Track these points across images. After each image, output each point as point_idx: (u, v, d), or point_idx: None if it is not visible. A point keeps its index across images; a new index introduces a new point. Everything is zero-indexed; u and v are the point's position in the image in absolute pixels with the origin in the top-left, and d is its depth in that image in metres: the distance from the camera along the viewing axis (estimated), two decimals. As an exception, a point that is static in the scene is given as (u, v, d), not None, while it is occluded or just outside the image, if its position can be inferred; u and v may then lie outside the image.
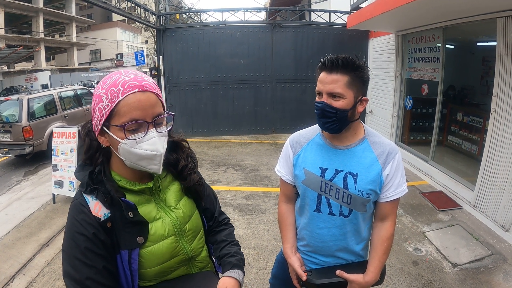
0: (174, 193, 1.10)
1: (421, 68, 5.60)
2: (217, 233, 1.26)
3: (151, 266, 1.00)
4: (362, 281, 1.35)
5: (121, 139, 0.90)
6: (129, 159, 0.94)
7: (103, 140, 0.96)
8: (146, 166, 0.95)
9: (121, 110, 0.89)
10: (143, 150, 0.92)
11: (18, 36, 22.63)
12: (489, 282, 2.92)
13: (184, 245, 1.08)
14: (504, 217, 3.59)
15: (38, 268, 3.25)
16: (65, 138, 4.67)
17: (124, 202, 0.96)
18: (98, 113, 0.92)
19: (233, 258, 1.14)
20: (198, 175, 1.16)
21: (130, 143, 0.91)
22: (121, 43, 34.97)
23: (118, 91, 0.89)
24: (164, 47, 8.34)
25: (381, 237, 1.40)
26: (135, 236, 0.97)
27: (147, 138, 0.92)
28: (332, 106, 1.28)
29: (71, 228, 0.94)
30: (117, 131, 0.91)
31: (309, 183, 1.41)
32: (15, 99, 7.00)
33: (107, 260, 0.94)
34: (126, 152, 0.92)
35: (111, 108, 0.89)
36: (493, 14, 3.74)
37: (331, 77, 1.27)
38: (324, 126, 1.34)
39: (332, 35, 8.37)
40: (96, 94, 0.94)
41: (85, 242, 0.92)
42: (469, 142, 4.75)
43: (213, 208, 1.26)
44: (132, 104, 0.89)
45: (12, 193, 5.43)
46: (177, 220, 1.07)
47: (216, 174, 5.81)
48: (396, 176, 1.36)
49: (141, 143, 0.91)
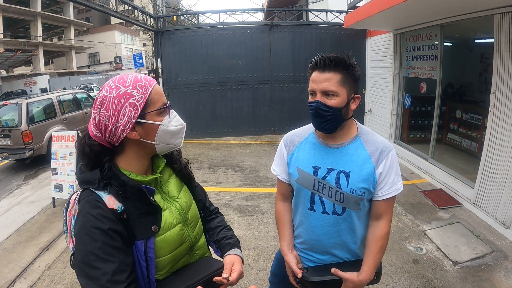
0: (175, 184, 1.20)
1: (419, 66, 5.60)
2: (210, 221, 1.37)
3: (165, 254, 1.06)
4: (356, 280, 1.35)
5: (160, 122, 1.04)
6: (164, 140, 1.06)
7: (134, 135, 1.02)
8: (174, 142, 1.10)
9: (154, 98, 1.03)
10: (175, 126, 1.08)
11: (16, 41, 22.65)
12: (490, 279, 2.91)
13: (188, 232, 1.16)
14: (505, 214, 3.58)
15: (39, 272, 3.25)
16: (64, 141, 4.67)
17: (146, 189, 1.03)
18: (131, 108, 0.99)
19: (231, 240, 1.27)
20: (184, 159, 1.30)
21: (167, 123, 1.05)
22: (120, 46, 34.95)
23: (145, 84, 1.02)
24: (162, 49, 8.35)
25: (375, 235, 1.40)
26: (150, 225, 1.03)
27: (173, 117, 1.08)
28: (327, 104, 1.28)
29: (86, 224, 0.94)
30: (155, 116, 1.03)
31: (302, 182, 1.42)
32: (14, 104, 7.00)
33: (125, 253, 0.97)
34: (163, 133, 1.05)
35: (145, 98, 1.01)
36: (490, 10, 3.74)
37: (324, 76, 1.28)
38: (319, 126, 1.34)
39: (330, 35, 8.38)
40: (119, 94, 0.98)
41: (102, 236, 0.92)
42: (469, 140, 4.75)
43: (204, 199, 1.38)
44: (160, 92, 1.06)
45: (12, 197, 5.43)
46: (182, 209, 1.15)
47: (215, 176, 5.81)
48: (390, 174, 1.35)
49: (172, 121, 1.07)
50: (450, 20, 4.60)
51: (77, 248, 0.95)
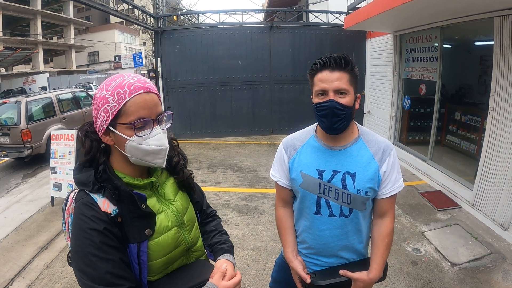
0: (171, 187, 1.17)
1: (419, 68, 5.61)
2: (206, 224, 1.35)
3: (159, 257, 1.05)
4: (367, 278, 1.35)
5: (129, 137, 0.97)
6: (135, 155, 1.00)
7: (108, 140, 1.01)
8: (151, 161, 1.02)
9: (129, 110, 0.95)
10: (150, 146, 0.99)
11: (16, 39, 22.57)
12: (488, 281, 2.92)
13: (184, 235, 1.14)
14: (503, 216, 3.59)
15: (37, 271, 3.24)
16: (63, 140, 4.66)
17: (137, 195, 1.01)
18: (104, 114, 0.97)
19: (224, 245, 1.25)
20: (189, 170, 1.26)
21: (138, 140, 0.98)
22: (119, 45, 34.93)
23: (124, 92, 0.95)
24: (162, 49, 8.35)
25: (381, 233, 1.41)
26: (143, 229, 1.01)
27: (153, 135, 0.99)
28: (341, 103, 1.28)
29: (82, 226, 0.94)
30: (125, 129, 0.97)
31: (307, 186, 1.40)
32: (13, 102, 6.99)
33: (122, 252, 0.97)
34: (133, 149, 0.99)
35: (118, 108, 0.95)
36: (490, 13, 3.76)
37: (335, 75, 1.27)
38: (333, 126, 1.31)
39: (330, 36, 8.39)
40: (101, 96, 0.98)
41: (99, 237, 0.92)
42: (467, 141, 4.76)
43: (202, 201, 1.35)
44: (139, 104, 0.96)
45: (11, 196, 5.42)
46: (177, 212, 1.13)
47: (214, 176, 5.81)
48: (392, 172, 1.38)
49: (148, 139, 0.99)
50: (450, 22, 4.61)
51: (76, 250, 0.94)
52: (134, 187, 1.05)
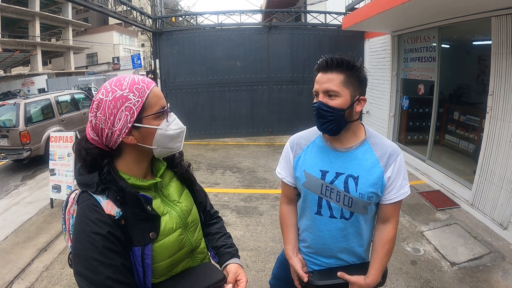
0: (175, 188, 1.18)
1: (417, 68, 5.63)
2: (210, 225, 1.35)
3: (163, 260, 1.04)
4: (363, 283, 1.34)
5: (157, 126, 1.01)
6: (162, 144, 1.04)
7: (131, 139, 1.00)
8: (173, 146, 1.08)
9: (152, 101, 1.00)
10: (174, 130, 1.05)
11: (14, 41, 22.54)
12: (488, 280, 2.93)
13: (188, 236, 1.14)
14: (502, 215, 3.60)
15: (37, 273, 3.23)
16: (62, 142, 4.66)
17: (143, 197, 1.00)
18: (127, 112, 0.96)
19: (231, 249, 1.27)
20: (186, 162, 1.28)
21: (165, 127, 1.03)
22: (118, 46, 34.86)
23: (142, 87, 0.99)
24: (161, 50, 8.34)
25: (382, 239, 1.39)
26: (148, 232, 1.00)
27: (171, 120, 1.06)
28: (328, 105, 1.27)
29: (85, 229, 0.92)
30: (152, 120, 1.01)
31: (309, 186, 1.40)
32: (12, 104, 6.98)
33: (124, 257, 0.96)
34: (161, 137, 1.03)
35: (142, 102, 0.98)
36: (488, 13, 3.77)
37: (326, 76, 1.27)
38: (322, 127, 1.32)
39: (328, 36, 8.40)
40: (115, 97, 0.96)
41: (102, 241, 0.91)
42: (466, 141, 4.76)
43: (205, 202, 1.37)
44: (158, 94, 1.03)
45: (10, 198, 5.40)
46: (182, 213, 1.13)
47: (213, 177, 5.81)
48: (398, 178, 1.34)
49: (170, 125, 1.05)
50: (448, 22, 4.62)
51: (77, 253, 0.93)
52: (139, 188, 1.04)
